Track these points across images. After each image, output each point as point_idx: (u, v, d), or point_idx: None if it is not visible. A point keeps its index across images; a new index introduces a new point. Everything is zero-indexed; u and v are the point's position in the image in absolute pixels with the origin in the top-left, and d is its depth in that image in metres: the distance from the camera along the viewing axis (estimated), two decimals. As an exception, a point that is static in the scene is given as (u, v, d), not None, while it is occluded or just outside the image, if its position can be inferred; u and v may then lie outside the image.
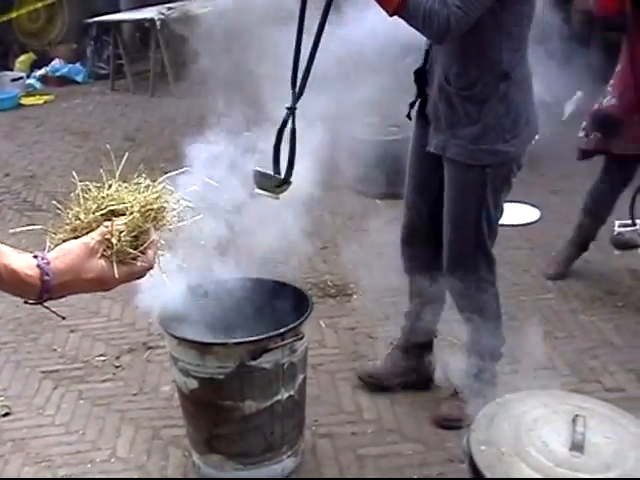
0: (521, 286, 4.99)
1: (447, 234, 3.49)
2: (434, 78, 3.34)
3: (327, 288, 4.90)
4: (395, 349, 3.91)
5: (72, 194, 1.66)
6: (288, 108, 3.17)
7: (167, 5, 10.35)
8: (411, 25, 3.07)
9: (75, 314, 4.69)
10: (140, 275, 1.65)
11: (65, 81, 11.08)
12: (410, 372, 3.89)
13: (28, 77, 10.99)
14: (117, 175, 1.72)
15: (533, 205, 6.26)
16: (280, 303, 3.39)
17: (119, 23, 10.69)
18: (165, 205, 1.68)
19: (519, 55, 3.25)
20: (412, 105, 3.56)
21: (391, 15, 2.96)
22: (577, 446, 2.37)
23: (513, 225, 5.90)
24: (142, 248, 1.62)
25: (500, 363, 4.11)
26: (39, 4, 11.39)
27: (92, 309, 4.74)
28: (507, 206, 6.15)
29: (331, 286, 4.96)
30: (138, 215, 1.62)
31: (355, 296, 4.64)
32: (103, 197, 1.65)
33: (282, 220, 5.88)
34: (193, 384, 3.17)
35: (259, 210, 5.68)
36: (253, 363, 3.06)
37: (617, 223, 4.12)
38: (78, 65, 11.33)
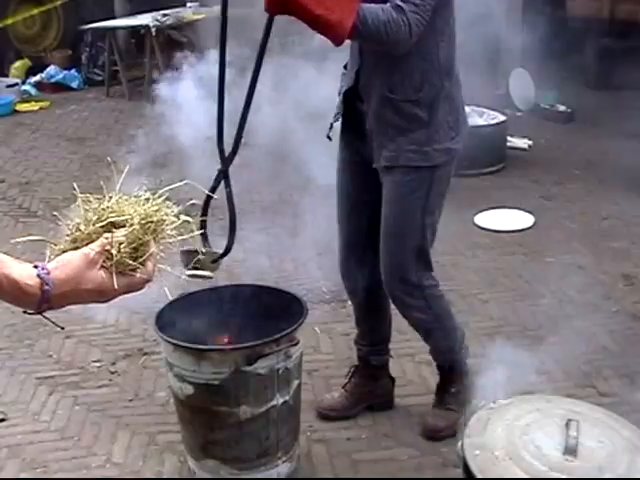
0: (515, 291, 5.01)
1: (388, 246, 3.42)
2: (372, 93, 3.29)
3: (322, 294, 4.91)
4: (352, 377, 3.90)
5: (70, 202, 1.68)
6: (220, 171, 3.17)
7: (162, 12, 10.39)
8: (368, 42, 3.09)
9: (71, 320, 4.68)
10: (139, 287, 1.66)
11: (60, 87, 11.08)
12: (370, 396, 3.87)
13: (23, 83, 10.99)
14: (118, 187, 1.73)
15: (527, 211, 6.28)
16: (275, 309, 3.39)
17: (114, 29, 10.70)
18: (165, 218, 1.70)
19: (452, 52, 3.29)
20: (332, 125, 3.51)
21: (341, 43, 2.93)
22: (570, 450, 2.39)
23: (507, 231, 5.94)
24: (141, 260, 1.63)
25: (494, 369, 4.13)
26: (35, 10, 11.40)
27: (88, 315, 4.73)
28: (502, 212, 6.26)
29: (326, 292, 4.97)
30: (138, 227, 1.63)
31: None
32: (103, 209, 1.67)
33: (277, 225, 5.93)
34: (189, 390, 3.18)
35: (252, 217, 5.71)
36: (248, 369, 3.07)
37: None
38: (73, 71, 11.33)
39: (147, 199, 1.71)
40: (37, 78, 11.18)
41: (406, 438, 3.66)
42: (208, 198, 3.09)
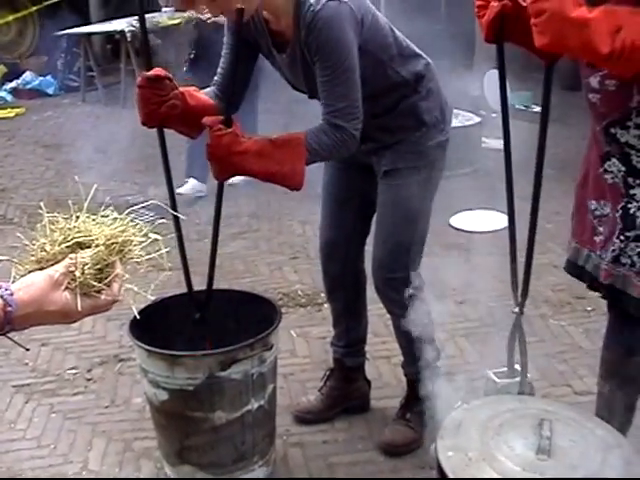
0: (490, 292, 5.01)
1: (385, 245, 3.43)
2: None
3: (298, 298, 4.91)
4: (328, 380, 3.90)
5: (46, 209, 1.67)
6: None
7: (137, 17, 10.36)
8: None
9: (46, 328, 4.62)
10: (104, 308, 1.66)
11: (36, 94, 11.07)
12: (346, 399, 3.87)
13: (-1, 90, 11.00)
14: (85, 207, 1.72)
15: (502, 212, 6.28)
16: (249, 314, 3.39)
17: (89, 35, 10.68)
18: (131, 238, 1.69)
19: (407, 55, 3.27)
20: None
21: (300, 188, 2.94)
22: (543, 450, 2.39)
23: (483, 232, 5.95)
24: (106, 281, 1.63)
25: (470, 369, 4.14)
26: (10, 17, 11.36)
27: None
28: (477, 213, 6.27)
29: (302, 296, 4.97)
30: (103, 248, 1.63)
31: (326, 305, 4.65)
32: (69, 229, 1.66)
33: (253, 230, 5.92)
34: (163, 396, 3.17)
35: (228, 222, 5.71)
36: (222, 374, 3.07)
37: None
38: (49, 77, 11.32)
39: (114, 219, 1.70)
40: (13, 84, 11.18)
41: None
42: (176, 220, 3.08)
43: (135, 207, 1.80)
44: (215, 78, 3.23)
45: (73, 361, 4.45)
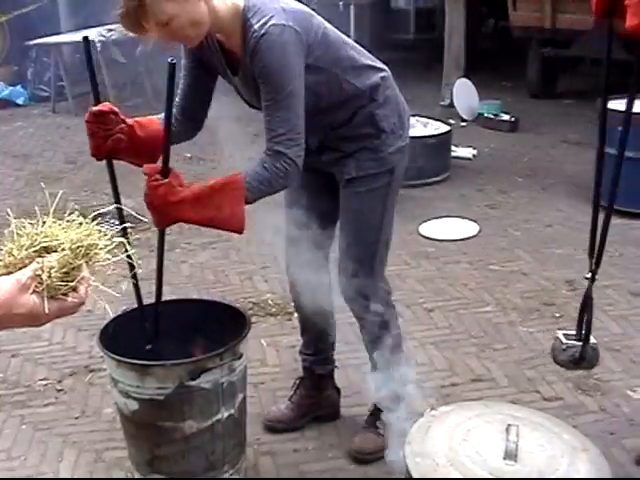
0: (460, 300, 5.06)
1: (350, 251, 3.45)
2: (315, 137, 3.28)
3: (268, 307, 4.92)
4: (297, 389, 3.92)
5: (6, 230, 1.68)
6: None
7: (107, 27, 10.34)
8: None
9: (16, 338, 4.67)
10: (72, 310, 1.66)
11: (6, 104, 11.01)
12: (316, 407, 3.89)
13: (-32, 100, 10.94)
14: (51, 212, 1.74)
15: (472, 220, 6.36)
16: (218, 323, 3.40)
17: (60, 45, 10.64)
18: (97, 242, 1.70)
19: (361, 67, 3.29)
20: None
21: (242, 232, 2.96)
22: (510, 455, 2.42)
23: (452, 240, 6.00)
24: (73, 284, 1.63)
25: (439, 376, 4.18)
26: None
27: (33, 333, 4.70)
28: (446, 221, 6.32)
29: (272, 305, 4.98)
30: (69, 252, 1.63)
31: (296, 314, 4.67)
32: (37, 234, 1.67)
33: (223, 240, 5.93)
34: (133, 405, 3.18)
35: (198, 232, 5.70)
36: (192, 383, 3.07)
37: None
38: (19, 87, 11.27)
39: (80, 223, 1.72)
40: (-18, 94, 11.12)
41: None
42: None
43: (101, 212, 1.81)
44: (176, 100, 3.23)
45: (44, 372, 4.43)
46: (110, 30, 10.23)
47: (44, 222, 1.71)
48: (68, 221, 1.72)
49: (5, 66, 11.71)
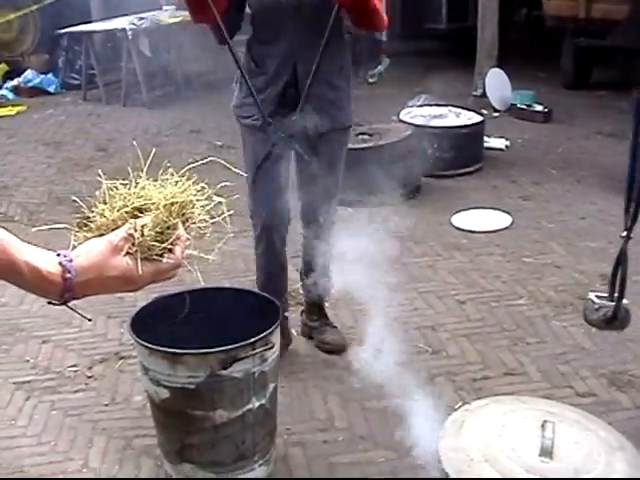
0: (492, 292, 5.01)
1: (317, 195, 4.02)
2: (311, 79, 3.71)
3: (299, 296, 4.89)
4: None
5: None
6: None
7: (138, 15, 10.36)
8: None
9: (47, 324, 4.68)
10: (168, 273, 1.61)
11: (37, 92, 11.05)
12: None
13: (0, 88, 10.97)
14: (144, 170, 1.68)
15: (504, 211, 6.30)
16: (250, 312, 3.38)
17: (91, 33, 10.65)
18: (193, 199, 1.64)
19: None
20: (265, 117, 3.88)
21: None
22: (546, 451, 2.39)
23: (485, 231, 5.94)
24: (167, 244, 1.57)
25: (471, 369, 4.13)
26: (11, 15, 11.35)
27: (64, 320, 4.71)
28: (479, 212, 6.27)
29: (303, 294, 4.94)
30: (162, 210, 1.58)
31: (327, 304, 4.64)
32: (130, 194, 1.62)
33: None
34: (164, 394, 3.16)
35: (229, 220, 5.70)
36: (224, 372, 3.06)
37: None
38: (50, 76, 11.30)
39: (175, 182, 1.66)
40: (14, 82, 11.15)
41: (383, 440, 3.65)
42: None
43: (192, 165, 1.75)
44: None
45: (74, 358, 4.43)
46: (141, 19, 10.25)
47: (137, 183, 1.66)
48: (163, 180, 1.67)
49: (37, 55, 11.75)
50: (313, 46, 3.64)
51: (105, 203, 1.62)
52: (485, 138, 7.62)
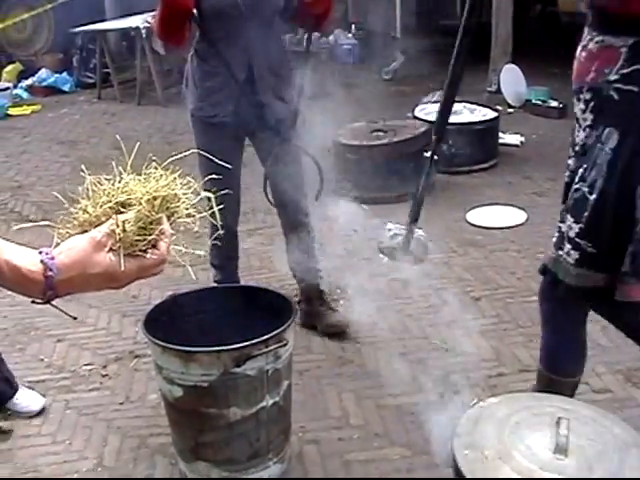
0: (507, 289, 4.99)
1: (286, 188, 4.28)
2: (266, 76, 4.06)
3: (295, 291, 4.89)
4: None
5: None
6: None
7: (153, 13, 10.34)
8: None
9: (62, 323, 4.68)
10: (153, 269, 1.58)
11: (52, 91, 11.09)
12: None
13: (15, 87, 11.01)
14: (129, 164, 1.65)
15: (519, 207, 6.27)
16: (264, 309, 3.38)
17: (105, 32, 10.68)
18: (177, 193, 1.61)
19: None
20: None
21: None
22: (561, 449, 2.37)
23: (499, 228, 5.92)
24: (151, 238, 1.54)
25: (486, 366, 4.12)
26: (25, 14, 11.38)
27: (79, 319, 4.72)
28: (494, 209, 6.25)
29: (317, 291, 4.94)
30: (144, 204, 1.55)
31: (342, 301, 4.64)
32: (113, 190, 1.59)
33: (268, 226, 5.90)
34: (178, 392, 3.16)
35: (244, 218, 5.69)
36: (237, 370, 3.05)
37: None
38: (65, 74, 11.34)
39: (160, 176, 1.62)
40: (29, 82, 11.20)
41: (398, 438, 3.64)
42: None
43: (175, 157, 1.72)
44: None
45: (88, 357, 4.44)
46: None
47: (121, 178, 1.63)
48: (147, 175, 1.63)
49: (51, 54, 11.78)
50: (265, 43, 4.00)
51: (88, 199, 1.60)
52: (500, 134, 7.59)
